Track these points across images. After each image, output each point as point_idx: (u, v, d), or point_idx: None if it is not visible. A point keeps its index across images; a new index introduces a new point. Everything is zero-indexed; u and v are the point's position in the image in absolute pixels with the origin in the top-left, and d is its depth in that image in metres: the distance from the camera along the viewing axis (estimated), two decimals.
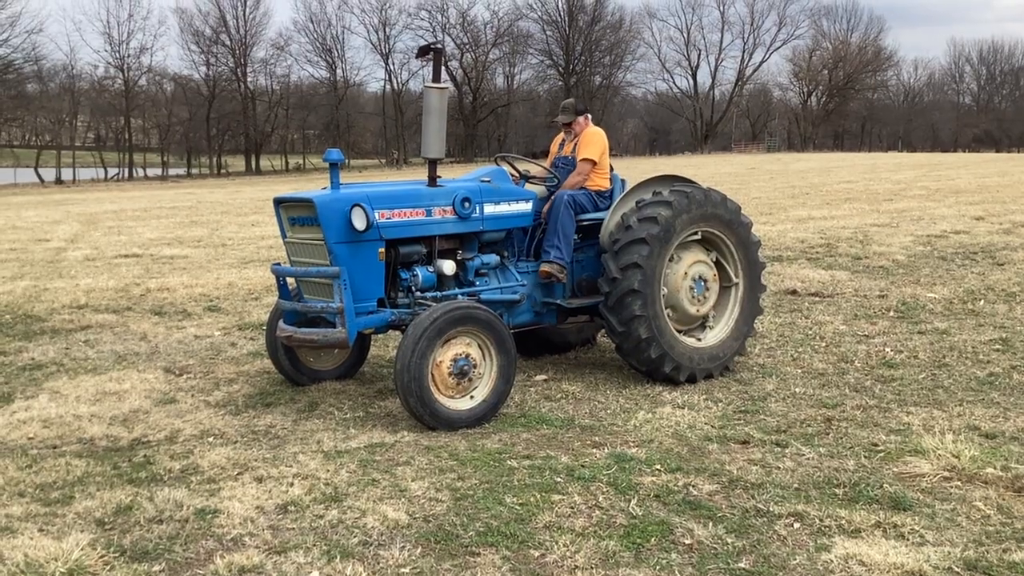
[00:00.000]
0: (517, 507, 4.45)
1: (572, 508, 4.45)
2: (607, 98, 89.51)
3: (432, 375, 5.67)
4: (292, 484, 4.75)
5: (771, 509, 4.39)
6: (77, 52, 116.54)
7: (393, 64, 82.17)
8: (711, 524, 4.24)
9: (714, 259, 7.06)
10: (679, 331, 6.83)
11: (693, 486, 4.70)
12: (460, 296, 6.37)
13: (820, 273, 11.12)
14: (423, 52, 6.55)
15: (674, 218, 6.59)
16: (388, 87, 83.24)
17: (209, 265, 13.25)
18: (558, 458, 5.14)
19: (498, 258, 6.73)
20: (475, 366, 5.86)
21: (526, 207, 6.82)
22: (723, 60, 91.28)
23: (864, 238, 14.07)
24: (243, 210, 25.09)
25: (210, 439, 5.59)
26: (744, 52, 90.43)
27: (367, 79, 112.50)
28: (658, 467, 4.96)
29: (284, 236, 6.48)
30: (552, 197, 6.93)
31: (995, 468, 4.83)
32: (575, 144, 7.21)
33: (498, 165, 7.15)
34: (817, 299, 9.89)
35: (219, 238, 17.26)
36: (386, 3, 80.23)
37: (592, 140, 7.14)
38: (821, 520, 4.25)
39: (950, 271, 11.42)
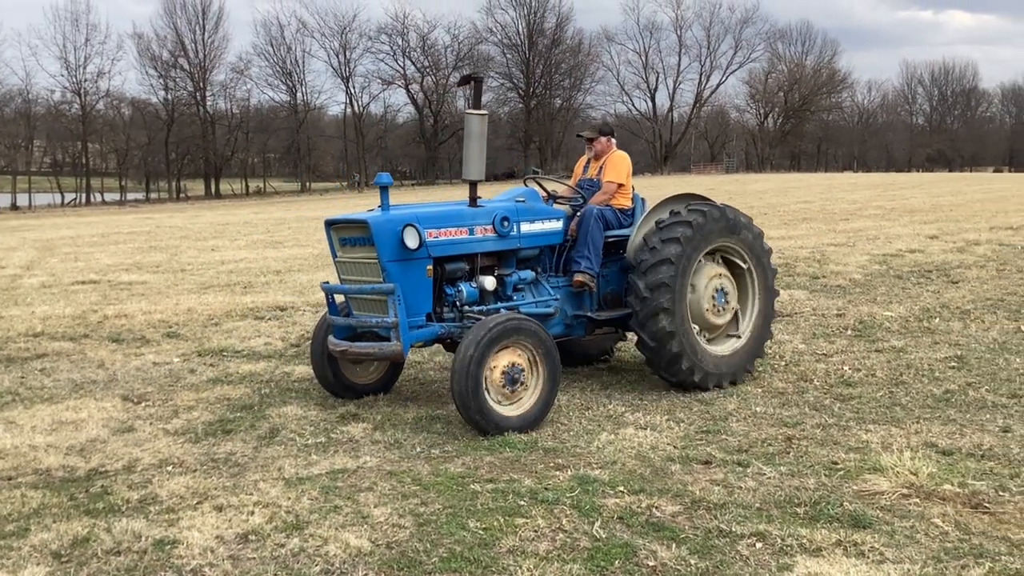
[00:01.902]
0: (481, 532, 4.43)
1: (536, 532, 4.43)
2: (567, 120, 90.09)
3: (486, 383, 5.94)
4: (253, 513, 4.69)
5: (733, 529, 4.41)
6: (33, 77, 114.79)
7: (354, 87, 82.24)
8: (674, 546, 4.25)
9: (729, 270, 7.43)
10: (704, 341, 7.17)
11: (656, 507, 4.71)
12: (503, 310, 6.68)
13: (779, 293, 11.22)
14: (464, 81, 6.94)
15: (695, 236, 6.99)
16: (349, 110, 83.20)
17: (168, 291, 13.11)
18: (521, 481, 5.13)
19: (533, 274, 7.10)
20: (524, 374, 6.16)
21: (558, 225, 7.21)
22: (681, 83, 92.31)
23: (821, 257, 14.26)
24: (203, 234, 24.87)
25: (169, 468, 5.51)
26: (701, 75, 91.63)
27: (328, 102, 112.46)
28: (621, 489, 4.97)
29: (335, 256, 6.81)
30: (580, 213, 7.28)
31: (952, 485, 4.90)
32: (600, 166, 7.65)
33: (527, 186, 7.55)
34: (776, 318, 9.98)
35: (178, 263, 17.09)
36: (346, 27, 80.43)
37: (619, 163, 7.60)
38: (783, 539, 4.28)
39: (906, 289, 11.61)
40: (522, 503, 4.79)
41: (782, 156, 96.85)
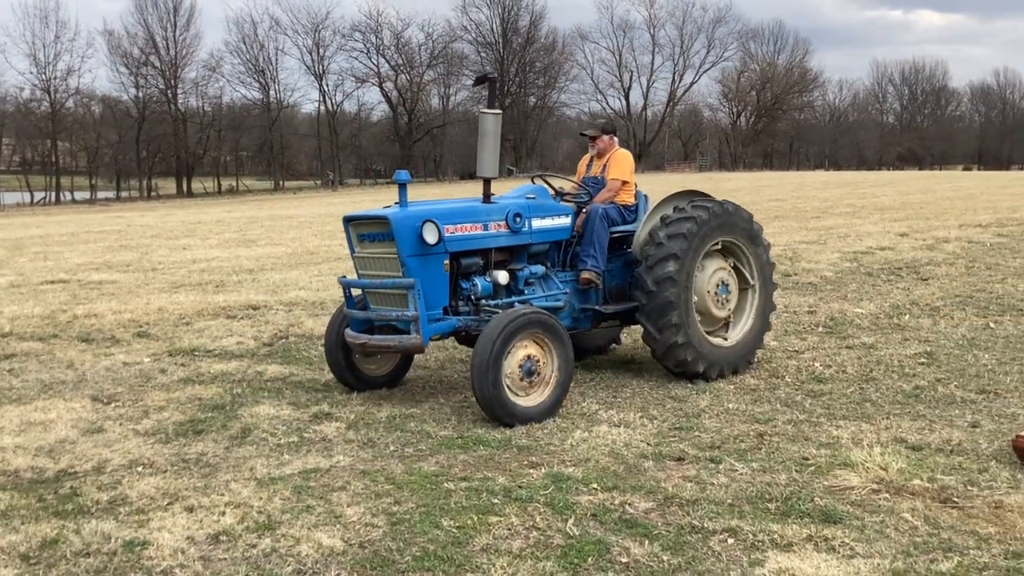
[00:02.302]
0: (454, 530, 4.42)
1: (509, 530, 4.44)
2: (542, 119, 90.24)
3: (505, 375, 6.11)
4: (224, 513, 4.65)
5: (706, 525, 4.43)
6: (1, 75, 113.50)
7: (327, 85, 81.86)
8: (647, 542, 4.27)
9: (731, 264, 7.67)
10: (707, 332, 7.37)
11: (629, 504, 4.72)
12: (516, 304, 6.82)
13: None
14: (479, 81, 7.25)
15: (699, 232, 7.20)
16: (322, 108, 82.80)
17: (138, 290, 12.98)
18: (495, 479, 5.13)
19: (543, 268, 7.27)
20: (540, 366, 6.35)
21: (566, 221, 7.37)
22: (654, 81, 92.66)
23: (793, 255, 14.37)
24: (174, 233, 24.67)
25: (139, 469, 5.46)
26: (675, 74, 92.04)
27: (301, 100, 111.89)
28: (595, 486, 4.98)
29: (353, 252, 6.95)
30: (586, 211, 7.45)
31: (922, 480, 4.95)
32: (604, 164, 7.82)
33: (534, 183, 7.72)
34: None
35: (149, 262, 16.93)
36: (319, 24, 79.98)
37: (623, 161, 7.79)
38: (754, 535, 4.30)
39: (876, 287, 11.71)
40: (496, 501, 4.79)
41: (755, 155, 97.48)
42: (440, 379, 7.66)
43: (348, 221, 6.95)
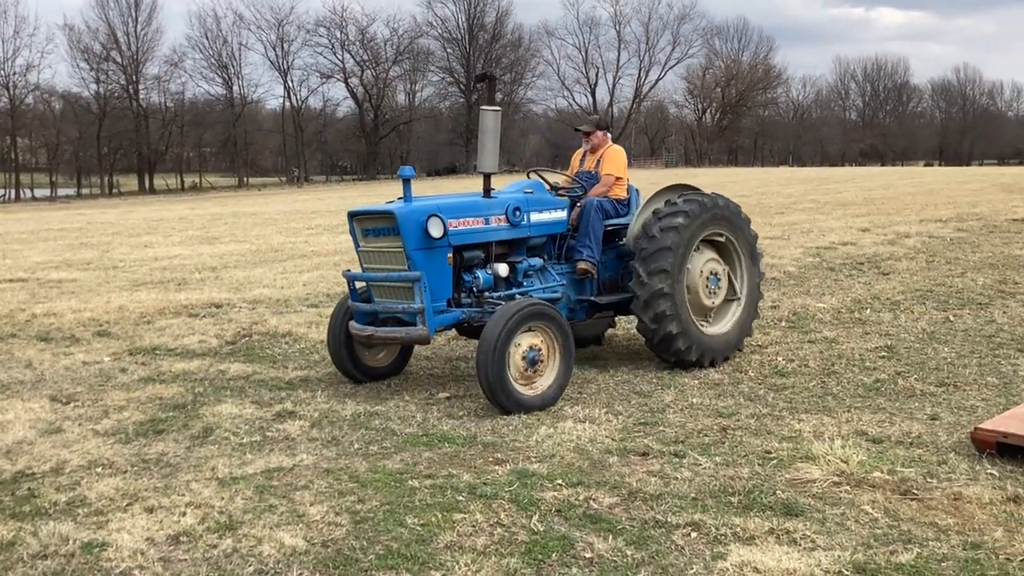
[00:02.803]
0: (418, 528, 4.41)
1: (474, 526, 4.42)
2: (509, 115, 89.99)
3: (509, 365, 6.25)
4: (184, 513, 4.60)
5: (669, 519, 4.45)
6: None
7: (292, 81, 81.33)
8: (611, 537, 4.27)
9: (720, 255, 7.87)
10: (699, 321, 7.58)
11: (594, 499, 4.73)
12: (517, 295, 7.02)
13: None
14: (479, 79, 7.39)
15: (691, 225, 7.41)
16: (287, 104, 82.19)
17: (99, 288, 12.81)
18: (460, 476, 5.12)
19: (541, 261, 7.44)
20: (543, 356, 6.50)
21: (563, 215, 7.54)
22: (620, 78, 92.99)
23: None
24: (136, 231, 24.39)
25: (98, 469, 5.38)
26: (640, 70, 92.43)
27: (265, 96, 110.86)
28: (559, 482, 4.98)
29: (357, 246, 7.09)
30: (581, 204, 7.65)
31: (882, 472, 5.00)
32: (597, 160, 8.03)
33: (530, 178, 7.88)
34: None
35: (110, 260, 16.72)
36: (283, 19, 79.42)
37: (616, 157, 8.00)
38: (717, 528, 4.32)
39: (838, 281, 11.83)
40: (460, 498, 4.77)
41: (720, 151, 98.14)
42: (406, 376, 7.63)
43: (353, 216, 7.08)
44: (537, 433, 5.90)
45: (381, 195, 41.53)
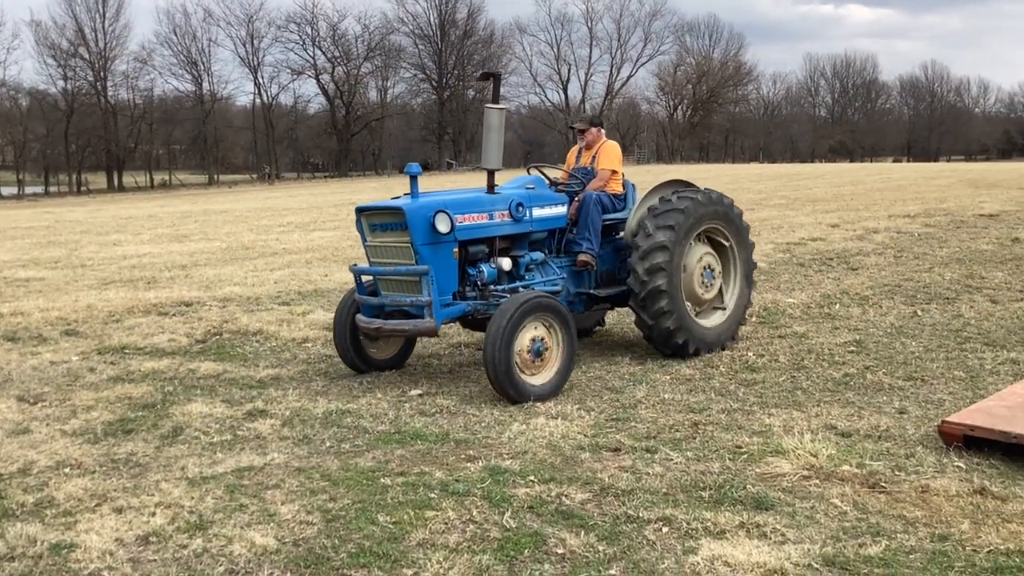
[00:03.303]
0: (390, 526, 4.40)
1: (446, 524, 4.42)
2: (481, 111, 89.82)
3: (515, 354, 6.43)
4: (154, 514, 4.56)
5: (641, 515, 4.47)
6: None
7: (262, 77, 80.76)
8: (583, 533, 4.29)
9: (713, 247, 8.09)
10: (695, 314, 7.83)
11: (566, 495, 4.74)
12: (520, 289, 7.21)
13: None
14: (484, 78, 7.66)
15: (686, 222, 7.60)
16: (258, 101, 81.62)
17: (67, 287, 12.68)
18: (432, 474, 5.11)
19: (542, 255, 7.62)
20: (547, 346, 6.70)
21: (562, 210, 7.74)
22: (592, 75, 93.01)
23: None
24: (104, 229, 24.14)
25: (66, 470, 5.33)
26: (612, 67, 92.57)
27: (235, 92, 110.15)
28: (532, 478, 4.99)
29: (365, 241, 7.26)
30: (580, 198, 7.84)
31: (851, 465, 5.04)
32: (593, 155, 8.24)
33: (530, 174, 8.17)
34: None
35: (78, 259, 16.55)
36: (253, 15, 78.84)
37: (612, 152, 8.19)
38: (688, 523, 4.35)
39: (808, 277, 11.93)
40: (432, 496, 4.77)
41: (691, 147, 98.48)
42: (378, 375, 7.60)
43: (361, 211, 7.25)
44: (509, 430, 5.90)
45: (354, 192, 41.35)
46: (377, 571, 3.95)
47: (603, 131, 8.42)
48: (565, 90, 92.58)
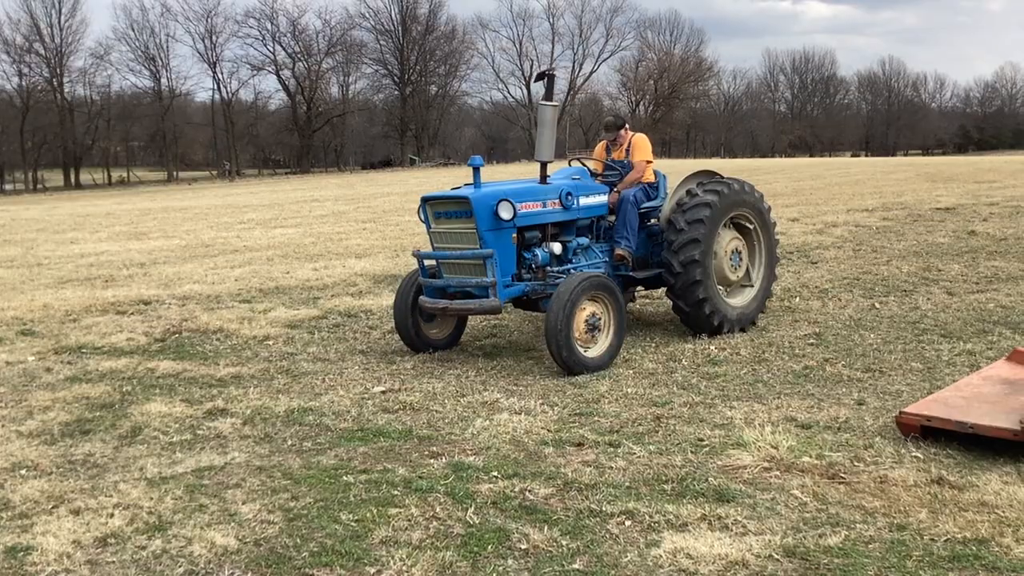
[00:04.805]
0: (353, 524, 4.37)
1: (409, 521, 4.40)
2: (443, 107, 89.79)
3: (573, 328, 7.00)
4: (112, 515, 4.50)
5: (604, 509, 4.48)
6: None
7: (222, 73, 79.92)
8: (546, 527, 4.29)
9: (739, 231, 8.64)
10: (725, 295, 8.45)
11: (529, 491, 4.74)
12: (572, 271, 7.81)
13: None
14: (540, 77, 8.22)
15: (715, 214, 8.15)
16: (217, 97, 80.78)
17: (23, 286, 12.47)
18: (395, 471, 5.09)
19: (587, 240, 8.24)
20: (601, 322, 7.32)
21: (604, 199, 8.33)
22: (555, 70, 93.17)
23: None
24: (61, 227, 23.77)
25: (22, 471, 5.24)
26: (574, 63, 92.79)
27: (195, 88, 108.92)
28: (495, 474, 4.99)
29: (429, 227, 7.80)
30: (617, 190, 8.41)
31: (811, 457, 5.09)
32: (626, 149, 8.75)
33: (571, 165, 8.73)
34: (647, 301, 10.22)
35: (34, 257, 16.28)
36: (211, 11, 78.02)
37: (644, 144, 8.78)
38: (651, 516, 4.37)
39: None
40: (396, 492, 4.75)
41: (654, 143, 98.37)
42: (340, 372, 7.55)
43: (426, 200, 7.77)
44: (473, 425, 5.89)
45: (316, 188, 41.07)
46: (340, 570, 3.92)
47: (628, 127, 8.93)
48: (528, 86, 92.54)
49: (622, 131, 8.85)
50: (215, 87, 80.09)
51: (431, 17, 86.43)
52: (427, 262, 7.92)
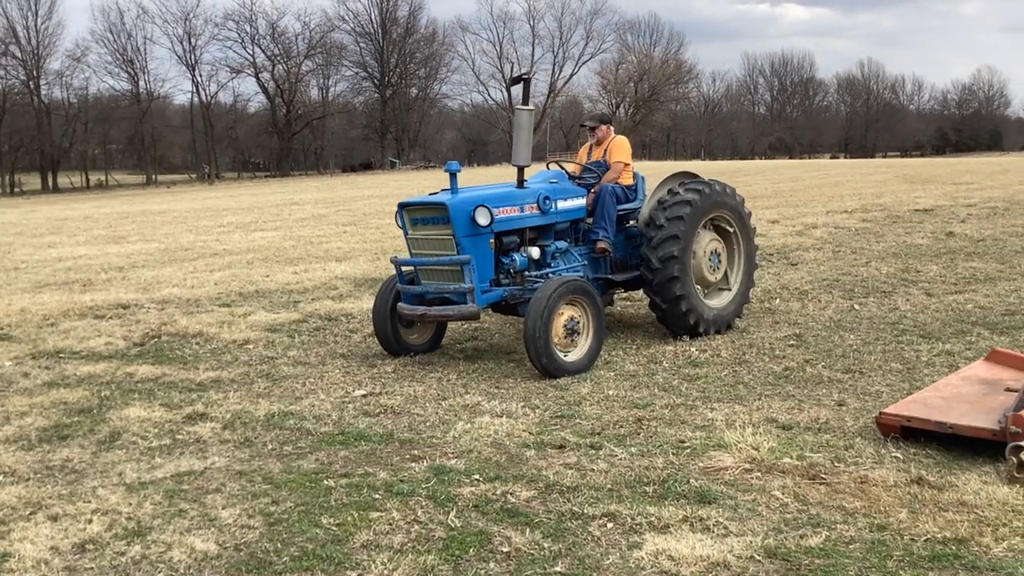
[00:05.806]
0: (334, 528, 4.35)
1: (390, 525, 4.39)
2: (424, 110, 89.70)
3: (552, 333, 6.99)
4: (91, 521, 4.46)
5: (586, 511, 4.48)
6: None
7: (200, 76, 79.52)
8: (528, 530, 4.28)
9: (718, 233, 8.64)
10: (703, 295, 8.41)
11: (511, 494, 4.73)
12: (549, 275, 7.74)
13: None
14: (516, 81, 8.24)
15: (694, 213, 8.15)
16: (196, 99, 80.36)
17: None
18: (376, 474, 5.07)
19: (565, 244, 8.19)
20: (580, 326, 7.29)
21: (583, 202, 8.31)
22: (535, 73, 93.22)
23: None
24: (38, 231, 23.58)
25: None
26: (555, 65, 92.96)
27: (173, 91, 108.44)
28: (477, 477, 4.97)
29: (407, 234, 7.76)
30: (595, 190, 8.39)
31: (791, 458, 5.11)
32: (605, 150, 8.75)
33: (549, 168, 8.71)
34: (628, 304, 10.23)
35: (11, 261, 16.13)
36: (190, 13, 77.70)
37: (623, 146, 8.77)
38: (633, 518, 4.37)
39: None
40: (377, 496, 4.73)
41: (634, 145, 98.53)
42: (321, 375, 7.52)
43: (403, 207, 7.74)
44: (454, 429, 5.88)
45: (296, 191, 40.92)
46: (320, 574, 3.90)
47: (611, 127, 8.93)
48: (508, 88, 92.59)
49: (604, 127, 8.84)
50: (194, 90, 79.78)
51: (411, 19, 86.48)
52: (405, 268, 7.88)
